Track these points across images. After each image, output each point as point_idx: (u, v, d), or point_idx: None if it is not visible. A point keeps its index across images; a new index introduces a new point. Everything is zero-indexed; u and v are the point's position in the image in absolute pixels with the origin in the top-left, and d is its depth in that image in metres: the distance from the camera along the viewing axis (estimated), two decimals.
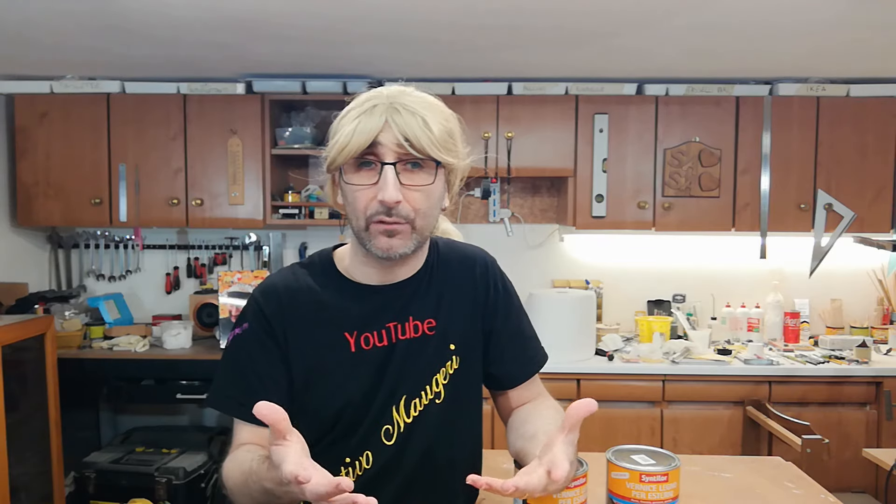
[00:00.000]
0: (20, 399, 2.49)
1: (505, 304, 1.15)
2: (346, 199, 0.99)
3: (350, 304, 1.05)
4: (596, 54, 2.67)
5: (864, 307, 3.35)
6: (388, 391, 1.04)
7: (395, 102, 0.94)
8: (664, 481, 1.04)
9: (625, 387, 2.81)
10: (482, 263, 1.16)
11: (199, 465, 2.87)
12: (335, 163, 0.96)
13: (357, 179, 0.96)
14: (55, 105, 3.06)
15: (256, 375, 1.02)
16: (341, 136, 0.95)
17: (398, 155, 0.94)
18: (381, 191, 0.93)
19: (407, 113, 0.93)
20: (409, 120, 0.93)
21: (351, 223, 1.00)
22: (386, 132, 0.93)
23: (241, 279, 3.01)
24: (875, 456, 2.04)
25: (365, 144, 0.93)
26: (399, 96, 0.95)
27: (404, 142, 0.92)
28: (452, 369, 1.08)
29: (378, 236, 0.96)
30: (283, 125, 3.14)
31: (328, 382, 1.03)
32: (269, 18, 2.24)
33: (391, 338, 1.05)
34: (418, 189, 0.96)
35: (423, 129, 0.93)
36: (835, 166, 3.03)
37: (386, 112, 0.93)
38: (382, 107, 0.93)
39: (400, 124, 0.92)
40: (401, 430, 1.04)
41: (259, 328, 1.04)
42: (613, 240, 3.38)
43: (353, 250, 1.07)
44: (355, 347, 1.04)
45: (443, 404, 1.07)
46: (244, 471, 0.94)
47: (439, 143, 0.94)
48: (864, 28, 2.30)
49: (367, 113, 0.94)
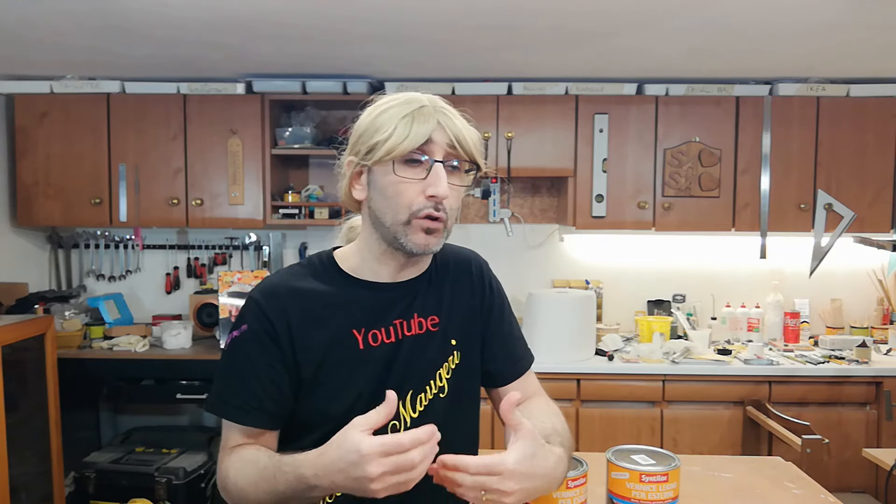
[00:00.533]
0: (20, 399, 2.49)
1: (499, 305, 1.19)
2: (384, 193, 1.00)
3: (357, 302, 1.06)
4: (596, 54, 2.67)
5: (864, 307, 3.34)
6: (395, 387, 1.04)
7: (440, 107, 1.01)
8: (664, 481, 1.05)
9: (625, 387, 2.81)
10: (476, 264, 1.19)
11: (199, 465, 2.87)
12: (388, 156, 0.98)
13: (405, 173, 0.98)
14: (55, 105, 3.06)
15: (255, 378, 1.02)
16: (395, 131, 0.97)
17: (446, 155, 0.99)
18: (432, 186, 0.97)
19: (455, 118, 1.00)
20: (459, 125, 1.00)
21: (385, 217, 1.01)
22: (438, 132, 0.98)
23: (241, 279, 3.01)
24: (875, 456, 2.04)
25: (422, 140, 0.97)
26: (439, 101, 1.02)
27: (456, 143, 0.98)
28: (454, 364, 1.11)
29: (418, 232, 0.99)
30: (283, 125, 3.14)
31: (337, 379, 1.04)
32: (269, 18, 2.24)
33: (398, 334, 1.07)
34: (455, 189, 1.01)
35: (470, 134, 1.01)
36: (835, 166, 3.03)
37: (435, 114, 0.99)
38: (430, 108, 0.99)
39: (451, 127, 0.99)
40: (407, 425, 1.05)
41: (260, 329, 1.03)
42: (613, 240, 3.38)
43: (367, 248, 1.08)
44: (363, 344, 1.05)
45: (447, 398, 1.09)
46: (265, 465, 0.94)
47: (477, 148, 1.02)
48: (864, 28, 2.30)
49: (417, 112, 0.98)
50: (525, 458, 0.87)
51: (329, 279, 1.08)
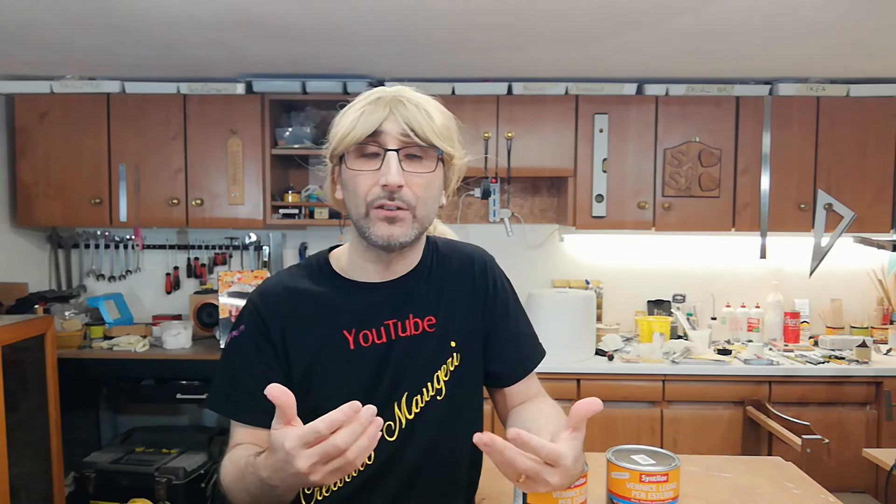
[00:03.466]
0: (20, 399, 2.49)
1: (503, 302, 1.17)
2: (346, 188, 1.01)
3: (348, 302, 1.06)
4: (596, 54, 2.67)
5: (864, 307, 3.35)
6: (388, 388, 1.05)
7: (398, 96, 0.98)
8: (664, 481, 1.04)
9: (625, 387, 2.81)
10: (481, 262, 1.17)
11: (199, 465, 2.87)
12: (338, 149, 0.99)
13: (359, 165, 0.98)
14: (55, 105, 3.06)
15: (251, 377, 1.03)
16: (345, 123, 0.98)
17: (401, 143, 0.97)
18: (383, 175, 0.96)
19: (411, 105, 0.97)
20: (413, 111, 0.97)
21: (351, 213, 1.01)
22: (390, 121, 0.96)
23: (241, 279, 3.01)
24: (875, 456, 2.04)
25: (369, 131, 0.96)
26: (402, 91, 1.00)
27: (409, 131, 0.96)
28: (453, 366, 1.09)
29: (378, 223, 0.98)
30: (283, 125, 3.14)
31: (328, 380, 1.04)
32: (269, 18, 2.24)
33: (390, 335, 1.06)
34: (419, 175, 0.98)
35: (427, 119, 0.97)
36: (835, 166, 3.03)
37: (390, 104, 0.97)
38: (386, 99, 0.98)
39: (404, 114, 0.96)
40: (402, 426, 1.05)
41: (255, 330, 1.05)
42: (613, 240, 3.38)
43: (353, 247, 1.08)
44: (354, 345, 1.05)
45: (444, 401, 1.08)
46: (240, 466, 0.94)
47: (440, 134, 0.98)
48: (864, 28, 2.30)
49: (371, 103, 0.98)
50: (576, 459, 0.84)
51: (322, 280, 1.09)
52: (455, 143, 1.03)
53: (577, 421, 0.85)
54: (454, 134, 1.03)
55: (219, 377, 1.08)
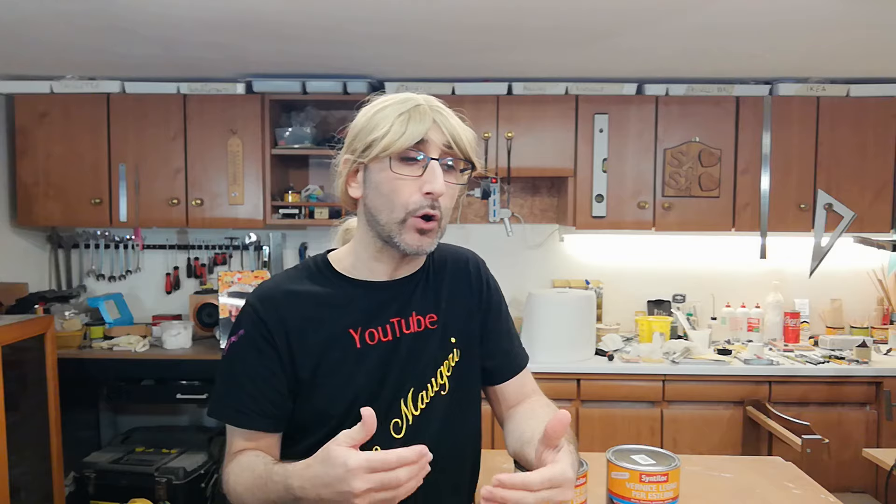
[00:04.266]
0: (20, 399, 2.49)
1: (496, 303, 1.20)
2: (379, 191, 1.01)
3: (353, 301, 1.07)
4: (596, 54, 2.67)
5: (864, 307, 3.34)
6: (395, 385, 1.06)
7: (435, 106, 1.01)
8: (664, 481, 1.05)
9: (625, 387, 2.81)
10: (474, 263, 1.20)
11: (199, 465, 2.87)
12: (384, 153, 0.98)
13: (402, 171, 0.99)
14: (55, 105, 3.06)
15: (253, 382, 1.03)
16: (391, 127, 0.98)
17: (442, 153, 1.00)
18: (428, 182, 0.98)
19: (450, 117, 1.01)
20: (455, 123, 1.01)
21: (380, 215, 1.01)
22: (434, 131, 0.99)
23: (241, 279, 3.01)
24: (875, 456, 2.04)
25: (418, 138, 0.97)
26: (433, 101, 1.03)
27: (452, 142, 0.99)
28: (454, 362, 1.11)
29: (412, 232, 1.00)
30: (283, 125, 3.14)
31: (336, 379, 1.04)
32: (269, 18, 2.24)
33: (395, 332, 1.07)
34: (451, 186, 1.01)
35: (465, 133, 1.02)
36: (835, 166, 3.03)
37: (431, 113, 0.99)
38: (426, 107, 1.00)
39: (447, 126, 1.00)
40: (409, 422, 1.06)
41: (256, 333, 1.04)
42: (613, 240, 3.38)
43: (362, 246, 1.08)
44: (360, 343, 1.05)
45: (448, 396, 1.09)
46: (258, 473, 0.94)
47: (473, 147, 1.03)
48: (864, 28, 2.30)
49: (413, 110, 0.99)
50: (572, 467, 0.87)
51: (324, 281, 1.09)
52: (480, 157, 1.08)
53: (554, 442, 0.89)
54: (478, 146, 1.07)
55: (220, 384, 1.06)
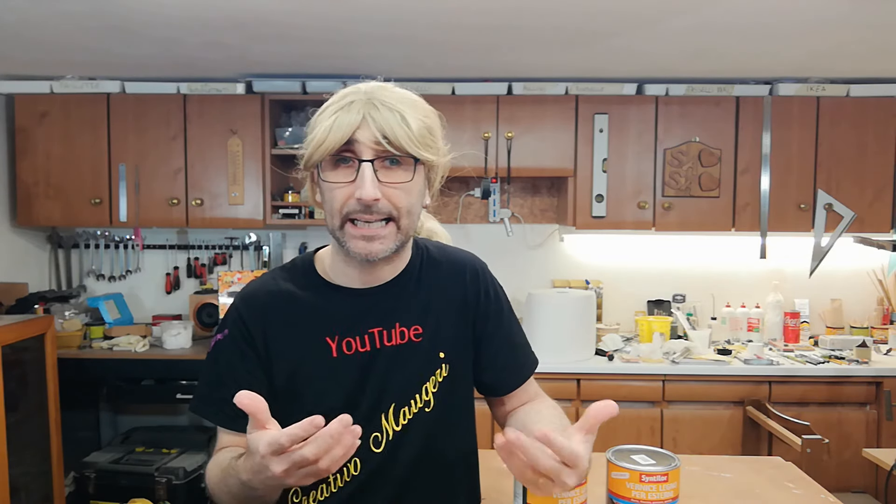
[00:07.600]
0: (20, 399, 2.49)
1: (496, 311, 1.13)
2: (322, 198, 0.98)
3: (331, 308, 1.03)
4: (596, 54, 2.67)
5: (864, 307, 3.34)
6: (373, 398, 1.02)
7: (372, 98, 0.92)
8: (664, 481, 1.04)
9: (625, 387, 2.81)
10: (472, 269, 1.13)
11: (199, 465, 2.87)
12: (311, 160, 0.94)
13: (334, 177, 0.93)
14: (55, 105, 3.06)
15: (234, 382, 1.00)
16: (318, 132, 0.92)
17: (376, 152, 0.91)
18: (358, 188, 0.91)
19: (385, 109, 0.91)
20: (387, 116, 0.90)
21: (327, 223, 0.98)
22: (363, 129, 0.90)
23: (241, 279, 3.01)
24: (875, 456, 2.04)
25: (342, 141, 0.90)
26: (377, 92, 0.93)
27: (382, 139, 0.90)
28: (442, 377, 1.06)
29: (353, 239, 0.94)
30: (283, 125, 3.14)
31: (310, 388, 1.02)
32: (269, 18, 2.24)
33: (375, 343, 1.03)
34: (397, 186, 0.93)
35: (401, 125, 0.91)
36: (835, 166, 3.03)
37: (363, 108, 0.91)
38: (360, 103, 0.91)
39: (378, 120, 0.90)
40: (389, 437, 1.03)
41: (238, 334, 1.03)
42: (613, 240, 3.38)
43: (334, 251, 1.04)
44: (337, 352, 1.01)
45: (433, 412, 1.05)
46: (223, 468, 0.94)
47: (418, 140, 0.92)
48: (864, 28, 2.30)
49: (344, 109, 0.92)
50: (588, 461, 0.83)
51: (306, 283, 1.05)
52: (436, 143, 0.97)
53: (592, 424, 0.83)
54: (436, 133, 0.97)
55: (202, 382, 1.06)
